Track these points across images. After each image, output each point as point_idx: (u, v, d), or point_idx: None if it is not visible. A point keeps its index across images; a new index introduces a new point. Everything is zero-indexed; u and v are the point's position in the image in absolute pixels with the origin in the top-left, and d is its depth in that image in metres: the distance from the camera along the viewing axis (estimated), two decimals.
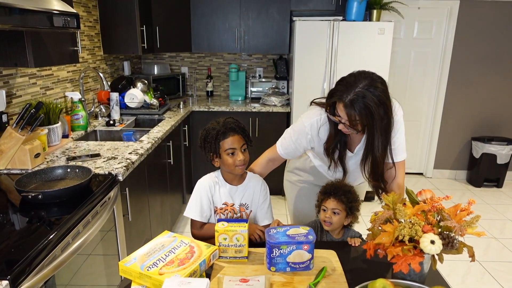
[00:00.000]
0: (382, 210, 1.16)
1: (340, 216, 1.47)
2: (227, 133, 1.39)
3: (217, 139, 1.39)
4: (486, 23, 3.97)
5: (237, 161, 1.39)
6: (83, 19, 2.79)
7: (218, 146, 1.40)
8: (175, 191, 3.09)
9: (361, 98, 1.25)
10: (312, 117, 1.50)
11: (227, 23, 3.68)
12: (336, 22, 3.32)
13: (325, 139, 1.50)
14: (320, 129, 1.49)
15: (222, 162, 1.43)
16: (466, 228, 1.03)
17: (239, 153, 1.40)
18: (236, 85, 4.02)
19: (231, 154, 1.39)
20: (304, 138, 1.53)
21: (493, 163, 4.07)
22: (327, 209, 1.49)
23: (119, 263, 1.07)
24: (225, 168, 1.46)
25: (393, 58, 4.04)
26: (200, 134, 1.46)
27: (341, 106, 1.30)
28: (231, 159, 1.40)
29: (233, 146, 1.39)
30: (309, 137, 1.52)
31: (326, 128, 1.48)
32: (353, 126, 1.32)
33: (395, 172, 1.50)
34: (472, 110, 4.25)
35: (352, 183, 1.62)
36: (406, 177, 4.42)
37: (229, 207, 1.49)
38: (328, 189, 1.51)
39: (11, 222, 1.31)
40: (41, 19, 1.49)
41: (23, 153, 1.75)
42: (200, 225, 1.47)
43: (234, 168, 1.41)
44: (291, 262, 1.18)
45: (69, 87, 2.63)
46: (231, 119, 1.45)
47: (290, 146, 1.58)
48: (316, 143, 1.53)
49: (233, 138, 1.39)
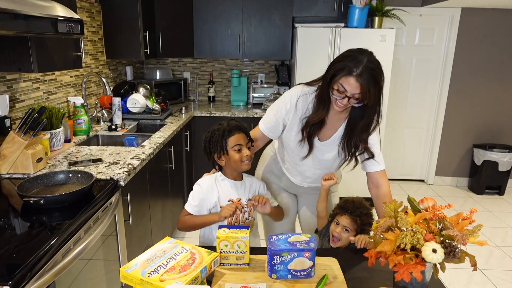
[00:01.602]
0: (384, 218, 1.16)
1: (349, 235, 1.49)
2: (232, 131, 1.46)
3: (223, 137, 1.45)
4: (488, 30, 3.98)
5: (244, 156, 1.45)
6: (86, 24, 2.81)
7: (225, 143, 1.45)
8: (176, 196, 3.09)
9: (370, 70, 1.33)
10: (293, 90, 1.58)
11: (230, 29, 3.70)
12: (338, 28, 3.33)
13: (301, 113, 1.54)
14: (299, 100, 1.54)
15: (229, 159, 1.47)
16: (468, 237, 1.02)
17: (245, 149, 1.46)
18: (238, 91, 4.04)
19: (237, 150, 1.45)
20: (284, 109, 1.57)
21: (495, 170, 4.06)
22: (339, 224, 1.50)
23: (120, 269, 1.07)
24: (231, 166, 1.49)
25: (395, 65, 4.05)
26: (204, 137, 1.52)
27: (351, 80, 1.33)
28: (238, 155, 1.45)
29: (240, 142, 1.45)
30: (288, 106, 1.56)
31: (304, 99, 1.53)
32: (363, 99, 1.35)
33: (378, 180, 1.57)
34: (473, 117, 4.25)
35: (315, 170, 1.66)
36: (408, 184, 4.45)
37: (236, 202, 1.50)
38: (347, 206, 1.52)
39: (12, 227, 1.31)
40: (45, 25, 1.51)
41: (25, 157, 1.76)
42: (186, 213, 1.53)
43: (240, 164, 1.46)
44: (292, 270, 1.17)
45: (72, 91, 2.64)
46: (234, 120, 1.51)
47: (271, 120, 1.62)
48: (292, 114, 1.56)
49: (238, 135, 1.46)
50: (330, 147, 1.59)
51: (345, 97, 1.37)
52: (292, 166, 1.72)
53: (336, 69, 1.37)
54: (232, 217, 1.46)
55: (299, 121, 1.56)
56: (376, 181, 1.58)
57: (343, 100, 1.38)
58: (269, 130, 1.65)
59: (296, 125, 1.58)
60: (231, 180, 1.53)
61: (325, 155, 1.61)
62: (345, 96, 1.37)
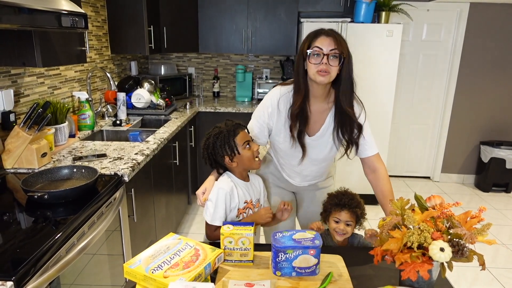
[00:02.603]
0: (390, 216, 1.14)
1: (352, 227, 1.51)
2: (236, 129, 1.43)
3: (230, 138, 1.41)
4: (496, 26, 3.92)
5: (255, 151, 1.43)
6: (91, 19, 2.80)
7: (234, 143, 1.41)
8: (181, 192, 3.09)
9: (332, 30, 1.45)
10: (272, 92, 1.59)
11: (235, 24, 3.67)
12: (344, 23, 3.29)
13: (285, 113, 1.54)
14: (280, 100, 1.55)
15: (241, 158, 1.43)
16: (476, 236, 1.00)
17: (253, 143, 1.45)
18: (242, 86, 4.02)
19: (247, 146, 1.42)
20: (266, 113, 1.57)
21: (502, 167, 4.02)
22: (341, 221, 1.49)
23: (124, 265, 1.07)
24: (243, 165, 1.46)
25: (402, 60, 4.01)
26: (205, 145, 1.46)
27: (323, 37, 1.42)
28: (249, 152, 1.43)
29: (247, 139, 1.43)
30: (269, 110, 1.56)
31: (285, 99, 1.54)
32: (339, 52, 1.40)
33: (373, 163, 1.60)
34: (481, 114, 4.20)
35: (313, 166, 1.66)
36: (413, 181, 4.41)
37: (249, 204, 1.50)
38: (342, 201, 1.51)
39: (16, 222, 1.31)
40: (49, 19, 1.50)
41: (30, 152, 1.76)
42: (215, 228, 1.45)
43: (253, 161, 1.44)
44: (297, 267, 1.16)
45: (76, 86, 2.64)
46: (229, 120, 1.48)
47: (255, 126, 1.61)
48: (275, 117, 1.56)
49: (243, 133, 1.44)
50: (321, 140, 1.58)
51: (323, 57, 1.40)
52: (289, 169, 1.71)
53: (309, 38, 1.46)
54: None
55: (284, 122, 1.55)
56: (372, 165, 1.60)
57: (322, 64, 1.40)
58: (255, 137, 1.61)
59: (283, 128, 1.56)
60: (242, 181, 1.50)
61: (319, 150, 1.60)
62: (322, 56, 1.40)
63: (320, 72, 1.41)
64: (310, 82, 1.49)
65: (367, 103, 1.62)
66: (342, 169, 3.57)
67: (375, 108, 3.41)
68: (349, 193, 1.55)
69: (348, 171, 3.59)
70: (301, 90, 1.50)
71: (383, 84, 3.39)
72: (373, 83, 3.38)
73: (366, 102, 1.62)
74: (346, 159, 1.64)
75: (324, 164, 1.68)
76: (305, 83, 1.49)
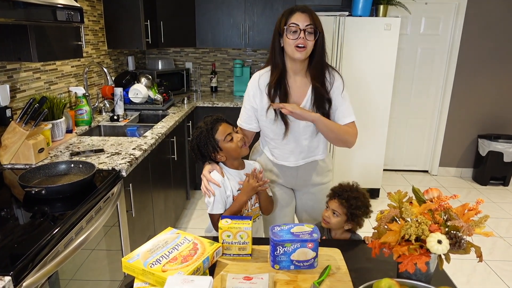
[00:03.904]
0: (388, 208, 1.14)
1: (339, 219, 1.47)
2: (214, 126, 1.46)
3: (210, 136, 1.44)
4: (494, 19, 3.91)
5: (238, 141, 1.45)
6: (87, 13, 2.77)
7: (215, 141, 1.44)
8: (179, 187, 3.09)
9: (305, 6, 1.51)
10: (253, 76, 1.65)
11: (232, 18, 3.65)
12: (342, 17, 3.28)
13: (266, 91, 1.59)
14: (260, 80, 1.61)
15: (227, 152, 1.47)
16: (474, 228, 1.01)
17: (235, 134, 1.46)
18: (240, 81, 4.00)
19: (230, 140, 1.44)
20: (249, 95, 1.63)
21: (500, 161, 4.03)
22: (329, 208, 1.49)
23: (122, 259, 1.07)
24: (232, 156, 1.49)
25: (400, 54, 4.00)
26: (190, 147, 1.51)
27: (299, 13, 1.48)
28: (233, 144, 1.45)
29: (227, 132, 1.45)
30: (251, 92, 1.62)
31: (265, 78, 1.60)
32: (314, 27, 1.46)
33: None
34: (478, 108, 4.20)
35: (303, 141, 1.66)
36: (411, 174, 4.43)
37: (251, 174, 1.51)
38: (336, 189, 1.51)
39: (14, 217, 1.31)
40: (44, 12, 1.48)
41: (26, 148, 1.75)
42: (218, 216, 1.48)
43: (240, 150, 1.47)
44: (295, 260, 1.16)
45: (73, 81, 2.62)
46: (208, 116, 1.51)
47: (243, 113, 1.66)
48: (258, 96, 1.61)
49: (222, 127, 1.45)
50: None
51: (300, 32, 1.46)
52: (280, 150, 1.69)
53: (284, 15, 1.51)
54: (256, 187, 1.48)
55: (267, 100, 1.59)
56: None
57: (299, 39, 1.46)
58: (245, 122, 1.65)
59: (266, 104, 1.60)
60: (235, 170, 1.53)
61: (302, 123, 1.61)
62: (299, 31, 1.46)
63: (297, 48, 1.47)
64: (287, 58, 1.56)
65: (365, 97, 1.63)
66: (341, 163, 3.57)
67: (373, 102, 3.40)
68: (348, 185, 1.52)
69: (347, 166, 3.60)
70: (278, 66, 1.57)
71: (381, 78, 3.38)
72: (371, 77, 3.37)
73: (364, 96, 1.63)
74: (344, 154, 1.64)
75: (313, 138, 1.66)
76: (281, 59, 1.56)
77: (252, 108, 1.63)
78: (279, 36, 1.53)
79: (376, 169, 3.66)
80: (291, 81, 1.59)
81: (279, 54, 1.56)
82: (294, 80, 1.59)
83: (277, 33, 1.54)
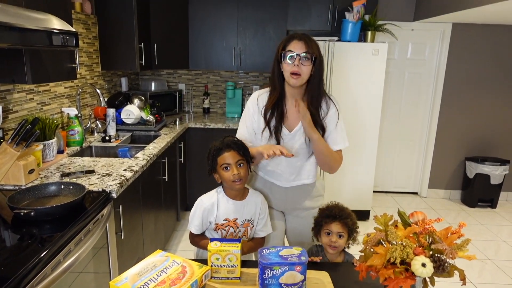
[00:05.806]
0: (375, 231, 1.16)
1: (344, 239, 1.50)
2: (223, 149, 1.46)
3: (214, 156, 1.47)
4: (478, 45, 4.06)
5: (232, 175, 1.43)
6: (82, 36, 2.82)
7: (215, 162, 1.47)
8: (169, 208, 3.07)
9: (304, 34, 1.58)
10: (252, 96, 1.74)
11: (225, 41, 3.74)
12: (331, 42, 3.38)
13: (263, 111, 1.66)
14: (258, 99, 1.69)
15: (221, 177, 1.49)
16: (457, 251, 1.03)
17: (233, 167, 1.44)
18: (232, 102, 4.06)
19: (225, 169, 1.45)
20: (249, 114, 1.70)
21: (487, 183, 4.10)
22: (332, 233, 1.50)
23: (110, 282, 1.06)
24: (225, 184, 1.51)
25: (388, 78, 4.11)
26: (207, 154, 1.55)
27: (296, 41, 1.56)
28: (226, 174, 1.45)
29: (227, 162, 1.45)
30: (251, 110, 1.69)
31: (263, 98, 1.68)
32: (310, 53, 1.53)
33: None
34: (465, 131, 4.30)
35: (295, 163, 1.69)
36: (401, 196, 4.46)
37: (231, 222, 1.51)
38: (333, 212, 1.52)
39: (1, 239, 1.30)
40: (40, 37, 1.52)
41: (17, 168, 1.75)
42: (194, 236, 1.55)
43: (231, 184, 1.46)
44: (283, 283, 1.17)
45: (66, 102, 2.64)
46: (231, 137, 1.52)
47: (245, 132, 1.70)
48: (256, 116, 1.68)
49: (228, 154, 1.45)
50: (297, 134, 1.65)
51: (296, 57, 1.53)
52: (272, 167, 1.72)
53: (283, 42, 1.60)
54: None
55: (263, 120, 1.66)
56: None
57: (294, 66, 1.53)
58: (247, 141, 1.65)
59: (262, 125, 1.66)
60: (230, 199, 1.52)
61: (291, 145, 1.66)
62: (296, 57, 1.53)
63: (292, 75, 1.54)
64: (286, 83, 1.63)
65: (354, 120, 1.69)
66: (331, 185, 3.60)
67: (362, 125, 3.47)
68: (339, 205, 1.57)
69: (337, 189, 3.62)
70: (276, 89, 1.65)
71: (370, 101, 3.47)
72: (360, 100, 3.45)
73: (353, 118, 1.69)
74: (334, 176, 1.68)
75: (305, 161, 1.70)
76: (280, 83, 1.64)
77: (252, 127, 1.68)
78: (278, 62, 1.61)
79: (366, 190, 3.69)
80: (289, 105, 1.66)
81: (278, 79, 1.64)
82: (291, 104, 1.65)
83: (276, 59, 1.62)
